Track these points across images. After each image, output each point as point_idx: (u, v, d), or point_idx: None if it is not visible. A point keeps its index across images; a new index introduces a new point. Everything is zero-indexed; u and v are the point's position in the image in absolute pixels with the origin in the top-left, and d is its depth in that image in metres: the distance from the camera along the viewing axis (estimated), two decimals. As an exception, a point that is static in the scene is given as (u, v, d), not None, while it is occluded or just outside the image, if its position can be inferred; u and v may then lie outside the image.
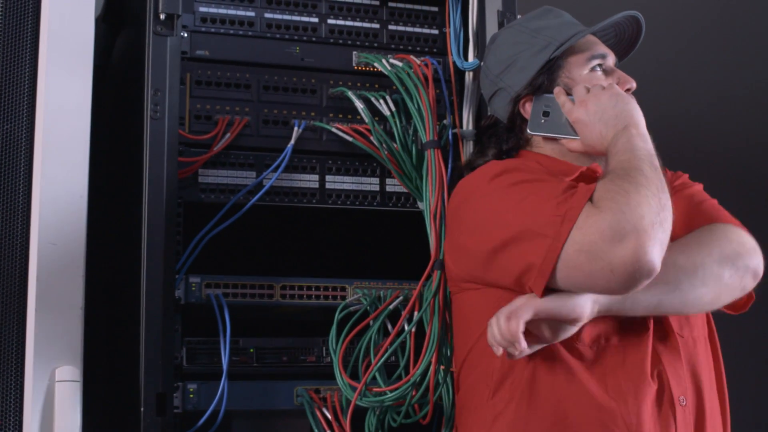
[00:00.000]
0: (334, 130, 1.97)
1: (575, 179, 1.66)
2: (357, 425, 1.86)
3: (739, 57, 3.51)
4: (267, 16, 1.98)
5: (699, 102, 3.43)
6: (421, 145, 1.94)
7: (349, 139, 1.97)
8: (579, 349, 1.57)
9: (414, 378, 1.82)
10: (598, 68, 1.75)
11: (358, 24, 2.04)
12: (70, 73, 1.72)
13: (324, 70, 2.00)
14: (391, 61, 1.99)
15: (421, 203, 1.95)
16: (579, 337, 1.57)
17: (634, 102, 1.64)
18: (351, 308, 1.90)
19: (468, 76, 2.04)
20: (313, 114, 1.98)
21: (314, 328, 1.94)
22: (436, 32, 2.09)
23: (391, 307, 1.90)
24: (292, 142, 1.94)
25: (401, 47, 2.07)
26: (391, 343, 1.84)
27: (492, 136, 1.85)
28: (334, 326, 1.86)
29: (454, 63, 2.05)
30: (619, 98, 1.63)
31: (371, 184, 2.00)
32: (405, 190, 2.00)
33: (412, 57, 1.99)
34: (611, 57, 1.78)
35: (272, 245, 2.09)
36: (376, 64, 1.99)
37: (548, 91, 1.74)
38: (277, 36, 1.99)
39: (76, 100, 1.72)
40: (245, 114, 1.94)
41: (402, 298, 1.91)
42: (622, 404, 1.54)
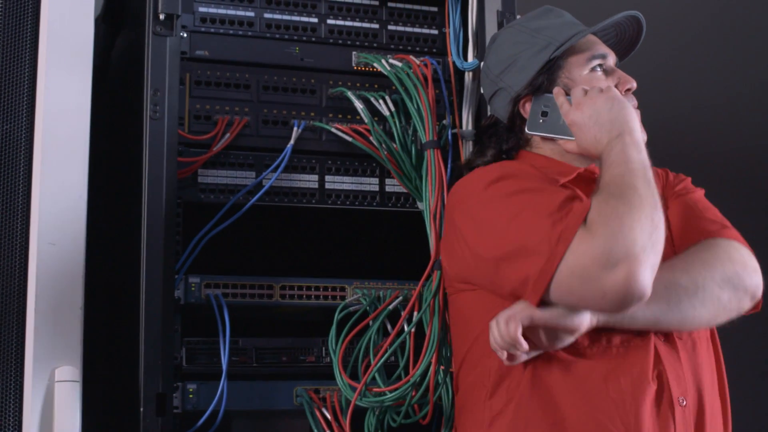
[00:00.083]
0: (333, 130, 1.97)
1: (572, 180, 1.67)
2: (357, 425, 1.86)
3: (739, 57, 3.50)
4: (266, 16, 1.98)
5: (699, 102, 3.43)
6: (420, 145, 1.94)
7: (349, 139, 1.97)
8: (579, 350, 1.57)
9: (414, 378, 1.82)
10: (599, 68, 1.75)
11: (357, 24, 2.04)
12: (69, 73, 1.72)
13: (323, 71, 2.01)
14: (391, 61, 1.99)
15: (420, 203, 1.95)
16: (579, 338, 1.57)
17: (630, 107, 1.63)
18: (350, 308, 1.90)
19: (467, 76, 2.04)
20: (312, 114, 1.98)
21: (314, 329, 1.94)
22: (435, 32, 2.09)
23: (390, 307, 1.90)
24: (292, 142, 1.94)
25: (401, 47, 2.07)
26: (390, 344, 1.84)
27: (492, 135, 1.85)
28: (333, 326, 1.86)
29: (453, 63, 2.05)
30: (615, 102, 1.62)
31: (371, 184, 2.00)
32: (404, 191, 2.00)
33: (411, 57, 1.99)
34: (612, 57, 1.78)
35: (272, 245, 2.09)
36: (375, 65, 1.99)
37: (548, 92, 1.74)
38: (277, 36, 1.99)
39: (76, 100, 1.72)
40: (245, 114, 1.94)
41: (401, 298, 1.91)
42: (621, 405, 1.54)
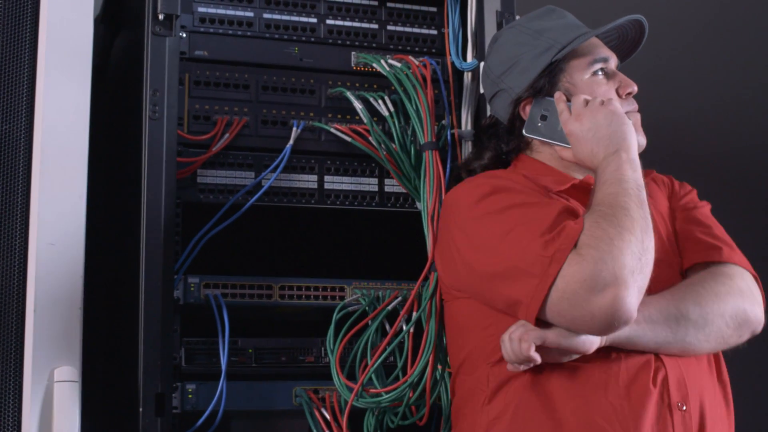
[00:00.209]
0: (332, 130, 1.97)
1: (566, 190, 1.67)
2: (356, 426, 1.86)
3: (739, 57, 3.50)
4: (266, 16, 1.98)
5: (699, 102, 3.43)
6: (419, 146, 1.94)
7: (348, 139, 1.97)
8: (578, 357, 1.57)
9: (411, 378, 1.81)
10: (600, 72, 1.75)
11: (356, 24, 2.04)
12: (68, 74, 1.72)
13: (323, 71, 2.01)
14: (390, 61, 1.99)
15: (419, 203, 1.95)
16: None
17: (630, 124, 1.63)
18: (349, 308, 1.90)
19: (467, 77, 2.05)
20: (311, 114, 1.98)
21: (313, 329, 1.94)
22: (434, 33, 2.09)
23: (389, 307, 1.90)
24: (291, 142, 1.94)
25: (400, 48, 2.07)
26: (388, 344, 1.84)
27: (492, 136, 1.84)
28: (332, 326, 1.86)
29: (452, 63, 2.05)
30: (614, 118, 1.62)
31: (370, 184, 2.01)
32: (403, 191, 2.00)
33: (410, 57, 1.99)
34: (613, 60, 1.77)
35: (271, 245, 2.09)
36: (374, 65, 1.99)
37: (549, 95, 1.74)
38: (276, 36, 1.99)
39: (75, 101, 1.72)
40: (244, 114, 1.94)
41: (401, 298, 1.91)
42: (620, 410, 1.54)
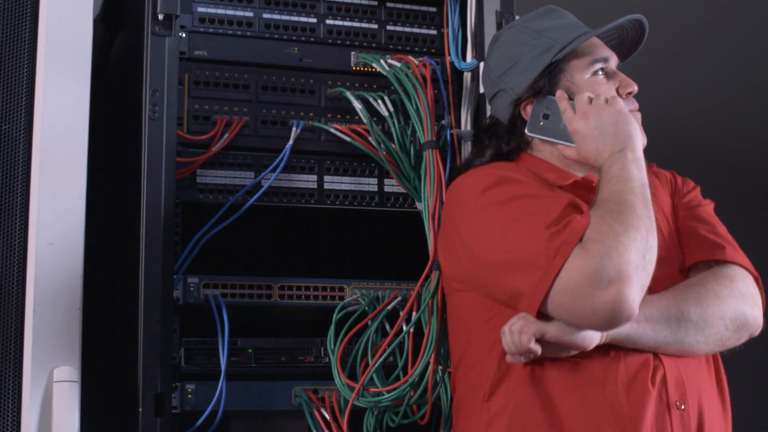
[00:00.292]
0: (332, 130, 1.97)
1: (568, 187, 1.67)
2: (355, 426, 1.86)
3: (739, 57, 3.51)
4: (265, 16, 1.98)
5: (699, 102, 3.44)
6: (419, 145, 1.94)
7: (348, 139, 1.97)
8: (577, 354, 1.57)
9: (412, 378, 1.81)
10: (601, 72, 1.74)
11: (356, 24, 2.04)
12: (68, 74, 1.72)
13: (322, 71, 2.01)
14: (390, 61, 1.99)
15: (419, 203, 1.95)
16: None
17: (635, 123, 1.64)
18: (349, 308, 1.90)
19: (466, 77, 2.05)
20: (311, 114, 1.98)
21: (312, 329, 1.94)
22: (434, 33, 2.09)
23: (389, 307, 1.90)
24: (291, 142, 1.94)
25: (399, 48, 2.07)
26: (389, 344, 1.84)
27: (492, 136, 1.84)
28: (332, 326, 1.86)
29: (452, 63, 2.05)
30: (620, 116, 1.63)
31: (369, 184, 2.00)
32: (403, 191, 2.00)
33: (410, 57, 1.99)
34: (614, 59, 1.77)
35: (270, 245, 2.09)
36: (374, 65, 1.99)
37: (550, 94, 1.74)
38: (276, 36, 1.99)
39: (75, 101, 1.72)
40: (243, 114, 1.94)
41: (400, 298, 1.91)
42: (618, 408, 1.54)
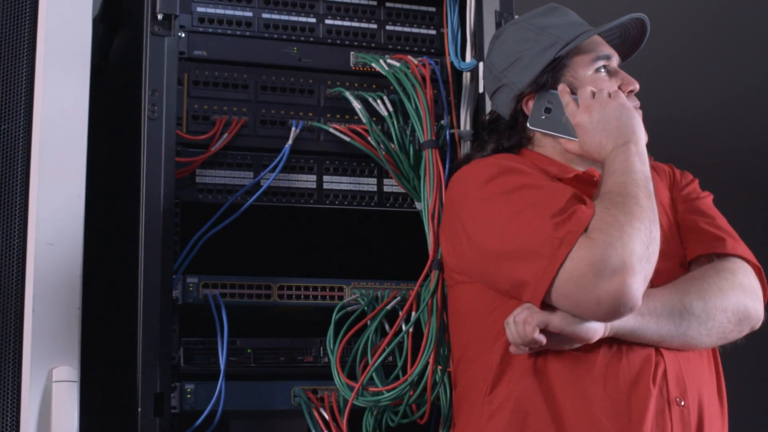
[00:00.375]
0: (331, 130, 1.97)
1: (570, 181, 1.67)
2: (354, 425, 1.86)
3: (739, 57, 3.51)
4: (264, 16, 1.98)
5: (699, 101, 3.44)
6: (418, 145, 1.94)
7: (347, 139, 1.97)
8: (580, 348, 1.57)
9: (412, 377, 1.81)
10: (603, 69, 1.75)
11: (355, 24, 2.04)
12: (67, 74, 1.72)
13: (321, 71, 2.01)
14: (389, 61, 1.99)
15: (418, 203, 1.95)
16: None
17: (638, 117, 1.65)
18: (348, 308, 1.90)
19: (465, 77, 2.04)
20: (310, 114, 1.98)
21: (312, 329, 1.94)
22: (433, 32, 2.09)
23: (388, 307, 1.90)
24: (290, 142, 1.94)
25: (399, 47, 2.07)
26: (388, 343, 1.84)
27: (493, 132, 1.84)
28: (331, 326, 1.86)
29: (451, 63, 2.05)
30: (623, 110, 1.63)
31: (369, 184, 2.00)
32: (402, 191, 2.00)
33: (409, 57, 1.99)
34: (615, 58, 1.78)
35: (270, 245, 2.09)
36: (373, 65, 1.99)
37: (552, 89, 1.74)
38: (275, 36, 1.99)
39: (74, 101, 1.72)
40: (243, 114, 1.94)
41: (399, 298, 1.91)
42: (617, 402, 1.54)
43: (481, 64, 2.00)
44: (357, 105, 1.97)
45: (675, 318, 1.58)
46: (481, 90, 2.01)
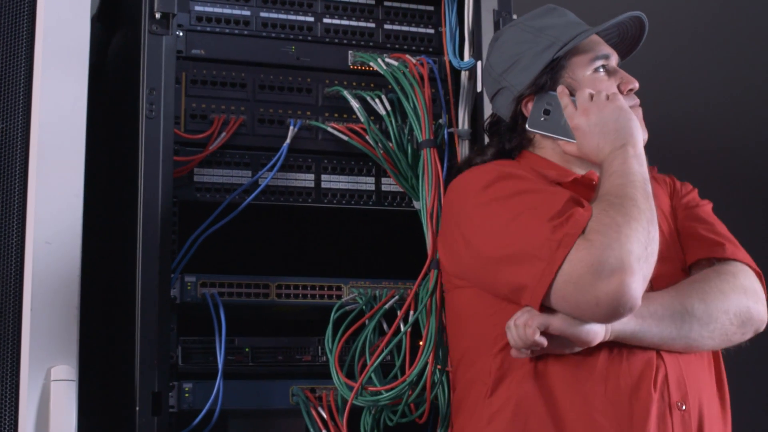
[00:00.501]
0: (329, 129, 1.97)
1: (569, 185, 1.67)
2: (353, 425, 1.86)
3: (739, 56, 3.50)
4: (263, 15, 1.98)
5: (699, 100, 3.43)
6: (416, 144, 1.94)
7: (345, 138, 1.97)
8: (581, 351, 1.57)
9: (411, 377, 1.81)
10: (602, 69, 1.75)
11: (353, 23, 2.04)
12: (65, 72, 1.72)
13: (320, 70, 2.01)
14: (387, 60, 1.99)
15: (416, 202, 1.95)
16: None
17: (636, 119, 1.64)
18: (347, 308, 1.90)
19: (464, 76, 2.04)
20: (308, 113, 1.98)
21: (310, 328, 1.94)
22: (431, 31, 2.09)
23: (386, 306, 1.90)
24: (288, 141, 1.94)
25: (397, 46, 2.07)
26: (387, 343, 1.84)
27: (494, 134, 1.85)
28: (330, 325, 1.86)
29: (449, 62, 2.05)
30: (621, 113, 1.63)
31: (367, 183, 2.00)
32: (400, 190, 2.00)
33: (407, 56, 1.99)
34: (614, 57, 1.78)
35: (268, 244, 2.09)
36: (371, 64, 1.99)
37: (551, 91, 1.74)
38: (273, 35, 1.99)
39: (72, 99, 1.72)
40: (241, 113, 1.94)
41: (398, 297, 1.91)
42: (618, 406, 1.54)
43: (479, 63, 2.00)
44: (355, 104, 1.97)
45: (676, 320, 1.58)
46: (479, 89, 2.01)
